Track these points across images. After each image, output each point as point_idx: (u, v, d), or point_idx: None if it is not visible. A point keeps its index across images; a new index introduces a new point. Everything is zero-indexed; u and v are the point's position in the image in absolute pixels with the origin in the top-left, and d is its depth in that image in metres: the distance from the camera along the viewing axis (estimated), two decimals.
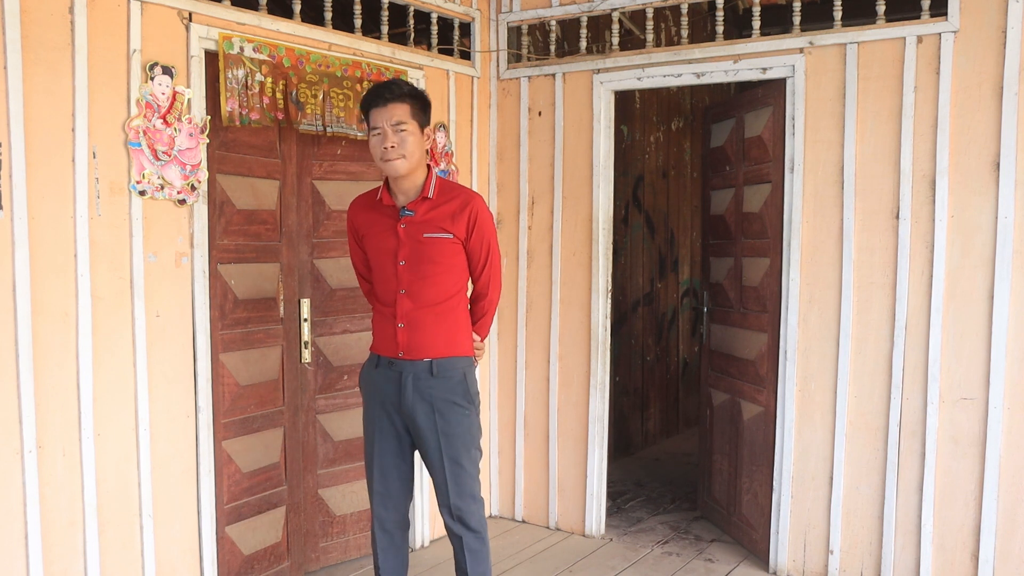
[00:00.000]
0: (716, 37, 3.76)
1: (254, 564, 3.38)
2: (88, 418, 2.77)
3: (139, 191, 2.87)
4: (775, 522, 3.68)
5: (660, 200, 6.06)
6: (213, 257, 3.17)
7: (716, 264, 4.29)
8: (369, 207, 2.83)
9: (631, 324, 5.73)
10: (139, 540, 2.93)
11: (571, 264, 4.12)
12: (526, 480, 4.33)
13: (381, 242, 2.77)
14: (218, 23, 3.10)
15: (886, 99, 3.34)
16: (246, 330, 3.32)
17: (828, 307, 3.50)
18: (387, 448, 2.82)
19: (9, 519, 2.59)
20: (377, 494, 2.86)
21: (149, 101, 2.89)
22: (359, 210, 2.86)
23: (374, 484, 2.86)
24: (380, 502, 2.86)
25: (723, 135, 4.16)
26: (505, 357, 4.31)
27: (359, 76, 3.56)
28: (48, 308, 2.66)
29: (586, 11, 3.99)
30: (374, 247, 2.79)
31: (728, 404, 4.13)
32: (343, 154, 3.65)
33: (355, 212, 2.87)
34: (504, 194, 4.32)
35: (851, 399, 3.47)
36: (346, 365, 3.71)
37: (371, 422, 2.85)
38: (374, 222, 2.79)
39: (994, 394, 3.17)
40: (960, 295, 3.23)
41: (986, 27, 3.14)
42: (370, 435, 2.85)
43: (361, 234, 2.85)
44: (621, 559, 3.88)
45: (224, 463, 3.23)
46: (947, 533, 3.30)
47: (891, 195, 3.35)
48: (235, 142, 3.25)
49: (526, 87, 4.22)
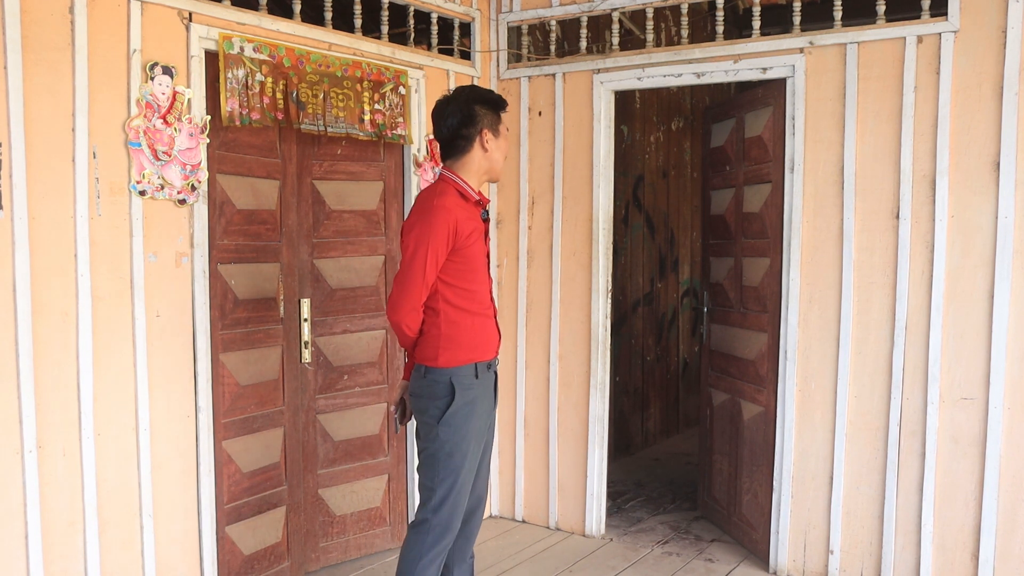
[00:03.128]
0: (716, 37, 3.76)
1: (254, 564, 3.38)
2: (88, 418, 2.77)
3: (139, 191, 2.87)
4: (775, 522, 3.68)
5: (660, 200, 6.06)
6: (213, 257, 3.17)
7: (716, 264, 4.29)
8: (461, 207, 2.60)
9: (631, 324, 5.73)
10: (139, 540, 2.93)
11: (571, 264, 4.12)
12: (526, 480, 4.33)
13: (480, 245, 2.68)
14: (218, 23, 3.10)
15: (886, 99, 3.34)
16: (246, 330, 3.32)
17: (828, 307, 3.50)
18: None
19: (9, 519, 2.59)
20: (453, 531, 2.66)
21: (149, 101, 2.89)
22: (460, 214, 2.57)
23: (455, 521, 2.65)
24: (452, 540, 2.68)
25: (723, 135, 4.16)
26: (505, 357, 4.31)
27: (359, 76, 3.56)
28: (48, 308, 2.66)
29: (586, 11, 3.99)
30: (476, 252, 2.64)
31: (728, 404, 4.13)
32: (343, 154, 3.65)
33: (457, 216, 2.55)
34: (504, 194, 4.32)
35: (851, 399, 3.47)
36: (346, 365, 3.71)
37: (470, 443, 2.64)
38: (475, 228, 2.63)
39: (994, 394, 3.17)
40: (960, 295, 3.23)
41: (986, 27, 3.14)
42: (468, 460, 2.65)
43: (462, 243, 2.58)
44: (621, 559, 3.88)
45: (224, 463, 3.23)
46: (947, 533, 3.30)
47: (891, 195, 3.35)
48: (235, 142, 3.25)
49: (526, 87, 4.22)
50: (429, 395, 2.62)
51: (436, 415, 2.60)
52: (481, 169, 2.70)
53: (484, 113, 2.66)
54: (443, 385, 2.60)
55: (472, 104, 2.64)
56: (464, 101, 2.65)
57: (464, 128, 2.64)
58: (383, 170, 3.81)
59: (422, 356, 2.65)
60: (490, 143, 2.67)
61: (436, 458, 2.61)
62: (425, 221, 2.53)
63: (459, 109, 2.63)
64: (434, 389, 2.61)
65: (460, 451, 2.62)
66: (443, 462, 2.60)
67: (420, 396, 2.65)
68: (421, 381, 2.65)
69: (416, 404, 2.68)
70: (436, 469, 2.61)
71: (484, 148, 2.67)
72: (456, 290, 2.62)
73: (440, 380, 2.61)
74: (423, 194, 2.65)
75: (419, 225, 2.54)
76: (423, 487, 2.66)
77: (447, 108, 2.66)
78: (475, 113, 2.64)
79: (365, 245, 3.75)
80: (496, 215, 4.33)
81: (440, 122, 2.68)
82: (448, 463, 2.60)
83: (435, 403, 2.61)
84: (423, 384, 2.64)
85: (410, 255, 2.54)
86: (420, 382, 2.65)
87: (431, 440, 2.62)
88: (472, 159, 2.67)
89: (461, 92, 2.70)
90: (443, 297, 2.61)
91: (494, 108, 2.69)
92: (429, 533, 2.60)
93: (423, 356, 2.64)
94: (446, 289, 2.61)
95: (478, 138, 2.65)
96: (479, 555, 3.85)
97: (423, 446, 2.66)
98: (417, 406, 2.67)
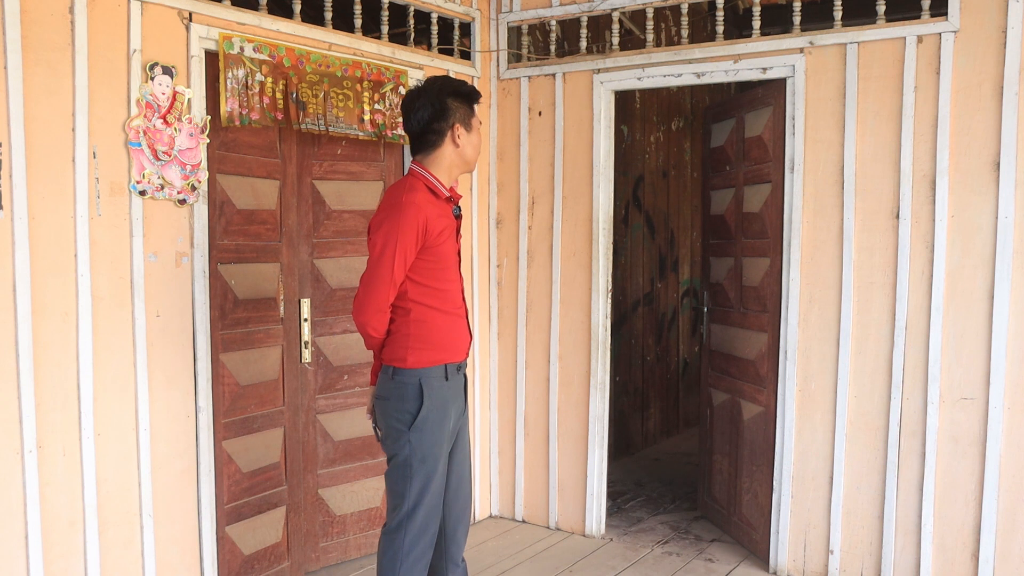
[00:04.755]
0: (716, 37, 3.76)
1: (254, 564, 3.38)
2: (88, 418, 2.77)
3: (139, 191, 2.87)
4: (775, 522, 3.68)
5: (660, 200, 6.06)
6: (213, 257, 3.17)
7: (716, 264, 4.29)
8: (431, 204, 2.50)
9: (631, 324, 5.73)
10: (139, 540, 2.93)
11: (571, 264, 4.12)
12: (526, 480, 4.33)
13: (451, 243, 2.58)
14: (218, 23, 3.10)
15: (886, 99, 3.34)
16: (246, 330, 3.32)
17: (828, 307, 3.50)
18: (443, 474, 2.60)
19: (9, 519, 2.60)
20: (431, 534, 2.57)
21: (149, 101, 2.89)
22: (430, 211, 2.48)
23: (431, 525, 2.56)
24: (430, 544, 2.59)
25: (723, 135, 4.16)
26: (505, 357, 4.31)
27: (359, 76, 3.56)
28: (48, 308, 2.66)
29: (586, 11, 3.99)
30: (447, 251, 2.56)
31: (728, 404, 4.13)
32: (343, 154, 3.65)
33: (427, 214, 2.46)
34: (504, 194, 4.32)
35: (851, 399, 3.47)
36: (346, 365, 3.71)
37: (442, 446, 2.56)
38: (446, 225, 2.53)
39: (994, 394, 3.17)
40: (960, 295, 3.23)
41: (986, 27, 3.14)
42: (441, 463, 2.56)
43: (432, 241, 2.49)
44: (621, 559, 3.88)
45: (224, 463, 3.23)
46: (947, 533, 3.30)
47: (891, 195, 3.35)
48: (235, 142, 3.25)
49: (526, 87, 4.22)
50: (398, 397, 2.51)
51: (407, 420, 2.50)
52: (452, 164, 2.57)
53: (456, 107, 2.53)
54: (412, 387, 2.50)
55: (444, 97, 2.51)
56: (436, 94, 2.52)
57: (435, 122, 2.52)
58: (383, 170, 3.81)
59: (390, 357, 2.53)
60: (462, 138, 2.55)
61: (408, 464, 2.51)
62: (393, 219, 2.42)
63: (430, 102, 2.51)
64: (403, 391, 2.51)
65: (432, 455, 2.52)
66: (416, 468, 2.50)
67: (387, 398, 2.54)
68: (389, 383, 2.53)
69: (383, 407, 2.56)
70: (407, 475, 2.51)
71: (455, 143, 2.55)
72: (426, 289, 2.52)
73: (409, 382, 2.50)
74: (391, 190, 2.54)
75: (387, 222, 2.43)
76: (393, 493, 2.55)
77: (417, 101, 2.52)
78: (447, 107, 2.51)
79: (365, 245, 3.75)
80: (496, 215, 4.33)
81: (410, 115, 2.55)
82: (421, 468, 2.51)
83: (404, 406, 2.51)
84: (391, 386, 2.53)
85: (378, 253, 2.44)
86: (388, 384, 2.54)
87: (401, 446, 2.52)
88: (443, 154, 2.55)
89: (433, 84, 2.56)
90: (412, 296, 2.51)
91: (467, 101, 2.57)
92: (406, 538, 2.52)
93: (391, 357, 2.53)
94: (415, 288, 2.51)
95: (450, 132, 2.53)
96: (479, 555, 3.85)
97: (393, 451, 2.54)
98: (384, 409, 2.55)
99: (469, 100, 2.59)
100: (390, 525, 2.55)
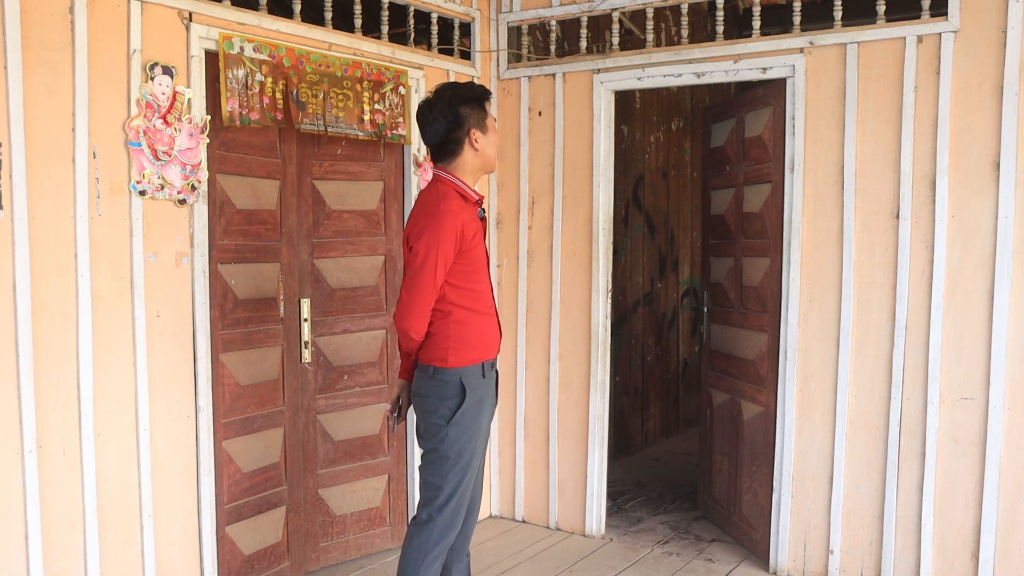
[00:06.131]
0: (716, 37, 3.76)
1: (254, 564, 3.38)
2: (88, 418, 2.77)
3: (139, 191, 2.87)
4: (775, 522, 3.68)
5: (660, 200, 6.06)
6: (213, 257, 3.17)
7: (716, 264, 4.29)
8: (464, 210, 2.59)
9: (631, 324, 5.73)
10: (139, 540, 2.93)
11: (571, 264, 4.12)
12: (526, 480, 4.33)
13: (482, 246, 2.68)
14: (218, 23, 3.10)
15: (886, 99, 3.34)
16: (246, 330, 3.32)
17: (828, 307, 3.50)
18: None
19: (9, 519, 2.60)
20: (456, 529, 2.69)
21: (149, 101, 2.89)
22: (464, 216, 2.57)
23: (457, 520, 2.68)
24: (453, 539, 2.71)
25: (723, 135, 4.16)
26: (505, 357, 4.31)
27: (359, 76, 3.56)
28: (48, 308, 2.66)
29: (586, 11, 3.99)
30: (479, 253, 2.66)
31: (728, 404, 4.13)
32: (343, 154, 3.66)
33: (462, 220, 2.55)
34: (504, 194, 4.32)
35: (851, 399, 3.47)
36: (346, 365, 3.71)
37: (479, 441, 2.69)
38: (477, 229, 2.64)
39: (994, 394, 3.17)
40: (960, 295, 3.23)
41: (986, 27, 3.14)
42: (476, 459, 2.70)
43: (467, 245, 2.58)
44: (621, 559, 3.88)
45: (224, 463, 3.23)
46: (947, 533, 3.30)
47: (891, 195, 3.35)
48: (235, 142, 3.25)
49: (526, 87, 4.22)
50: (439, 395, 2.61)
51: (446, 415, 2.60)
52: (475, 167, 2.68)
53: (469, 112, 2.61)
54: (453, 385, 2.60)
55: (456, 106, 2.59)
56: (447, 104, 2.59)
57: (452, 132, 2.60)
58: (383, 170, 3.81)
59: (429, 357, 2.63)
60: (479, 141, 2.63)
61: (446, 457, 2.61)
62: (433, 228, 2.51)
63: (443, 114, 2.59)
64: (444, 390, 2.61)
65: (468, 450, 2.64)
66: (452, 461, 2.61)
67: (428, 396, 2.64)
68: (429, 382, 2.63)
69: (423, 404, 2.66)
70: (444, 468, 2.62)
71: (475, 148, 2.63)
72: (462, 291, 2.62)
73: (450, 380, 2.60)
74: (425, 198, 2.61)
75: (428, 232, 2.51)
76: (428, 485, 2.65)
77: (430, 114, 2.61)
78: (460, 115, 2.59)
79: (365, 245, 3.75)
80: (496, 215, 4.33)
81: (425, 128, 2.64)
82: (457, 462, 2.62)
83: (445, 403, 2.61)
84: (431, 384, 2.63)
85: (420, 262, 2.52)
86: (428, 383, 2.63)
87: (440, 440, 2.62)
88: (465, 160, 2.64)
89: (442, 94, 2.62)
90: (450, 299, 2.61)
91: (479, 103, 2.64)
92: (434, 530, 2.62)
93: (431, 357, 2.63)
94: (452, 291, 2.60)
95: (467, 139, 2.62)
96: (479, 555, 3.85)
97: (432, 446, 2.64)
98: (424, 406, 2.66)
99: (480, 102, 2.65)
100: (420, 517, 2.65)
